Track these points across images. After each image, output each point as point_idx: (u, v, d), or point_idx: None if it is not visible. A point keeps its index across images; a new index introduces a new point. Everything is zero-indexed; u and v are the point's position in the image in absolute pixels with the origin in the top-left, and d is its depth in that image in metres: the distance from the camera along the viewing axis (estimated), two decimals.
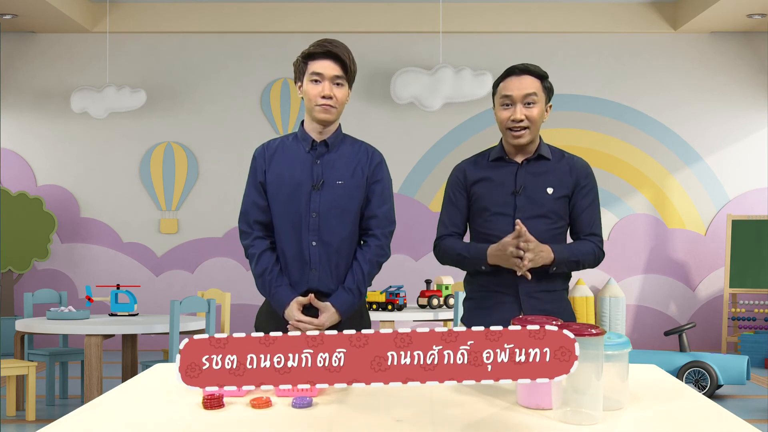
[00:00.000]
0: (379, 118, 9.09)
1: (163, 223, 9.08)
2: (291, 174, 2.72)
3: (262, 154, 2.78)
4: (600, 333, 1.66)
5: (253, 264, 2.74)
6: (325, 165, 2.73)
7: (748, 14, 8.37)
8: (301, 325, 2.66)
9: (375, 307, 5.60)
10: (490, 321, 2.77)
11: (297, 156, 2.75)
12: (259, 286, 2.75)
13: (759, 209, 8.96)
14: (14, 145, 9.12)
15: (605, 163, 8.97)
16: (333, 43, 2.69)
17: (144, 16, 9.00)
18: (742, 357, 6.29)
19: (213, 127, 9.03)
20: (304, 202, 2.70)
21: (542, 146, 2.81)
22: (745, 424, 1.66)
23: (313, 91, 2.69)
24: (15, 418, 5.58)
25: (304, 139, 2.77)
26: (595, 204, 2.83)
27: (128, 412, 1.78)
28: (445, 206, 2.90)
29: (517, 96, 2.71)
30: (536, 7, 8.96)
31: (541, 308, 2.74)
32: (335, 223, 2.71)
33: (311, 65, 2.69)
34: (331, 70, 2.68)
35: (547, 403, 1.76)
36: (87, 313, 5.54)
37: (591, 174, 2.85)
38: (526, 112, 2.71)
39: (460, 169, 2.87)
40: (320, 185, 2.71)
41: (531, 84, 2.71)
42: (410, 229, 9.03)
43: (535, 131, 2.75)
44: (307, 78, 2.70)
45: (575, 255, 2.74)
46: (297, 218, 2.71)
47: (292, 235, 2.71)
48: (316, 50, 2.69)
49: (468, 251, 2.78)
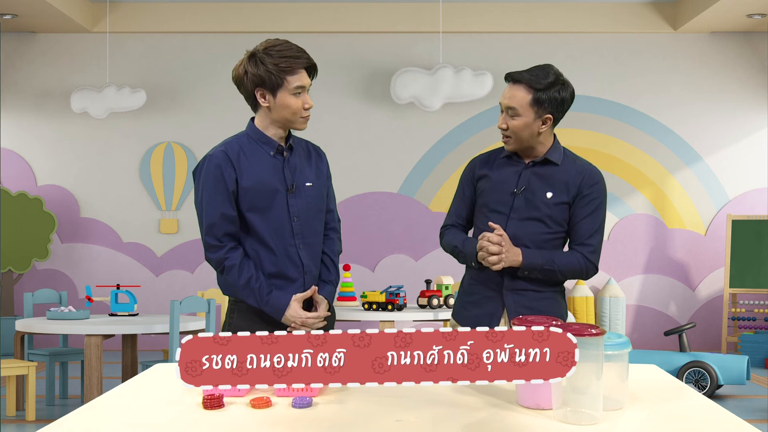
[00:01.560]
0: (379, 118, 9.09)
1: (163, 223, 9.08)
2: (266, 180, 2.67)
3: (226, 161, 2.65)
4: (600, 333, 1.66)
5: (235, 275, 2.65)
6: (293, 168, 2.72)
7: (748, 14, 8.37)
8: (309, 321, 2.67)
9: (375, 307, 5.60)
10: (474, 315, 2.80)
11: (264, 161, 2.69)
12: (245, 296, 2.67)
13: (759, 209, 8.96)
14: (14, 145, 9.12)
15: (605, 163, 8.96)
16: (304, 53, 2.66)
17: (144, 16, 9.00)
18: (742, 357, 6.29)
19: (213, 127, 9.03)
20: (284, 208, 2.68)
21: (553, 151, 2.77)
22: (745, 424, 1.66)
23: (296, 104, 2.64)
24: (15, 418, 5.58)
25: (266, 143, 2.71)
26: (596, 215, 2.76)
27: (128, 412, 1.78)
28: (455, 196, 2.97)
29: (503, 105, 2.73)
30: (536, 7, 8.96)
31: (526, 305, 2.74)
32: (314, 224, 2.75)
33: (292, 79, 2.61)
34: (308, 79, 2.68)
35: (547, 403, 1.76)
36: (87, 313, 5.54)
37: (598, 184, 2.77)
38: (508, 122, 2.71)
39: (473, 163, 2.92)
40: (293, 189, 2.70)
41: (516, 95, 2.68)
42: (410, 229, 9.04)
43: (520, 141, 2.73)
44: (287, 92, 2.62)
45: (552, 264, 2.71)
46: (279, 224, 2.68)
47: (277, 240, 2.68)
48: (295, 65, 2.62)
49: (463, 245, 2.83)
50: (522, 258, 2.69)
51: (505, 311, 2.78)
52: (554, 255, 2.74)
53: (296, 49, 2.64)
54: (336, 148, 8.88)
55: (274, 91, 2.63)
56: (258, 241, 2.69)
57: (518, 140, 2.73)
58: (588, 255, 2.75)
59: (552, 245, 2.77)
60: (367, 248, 9.00)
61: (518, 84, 2.69)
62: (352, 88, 9.11)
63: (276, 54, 2.60)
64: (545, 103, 2.67)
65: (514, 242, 2.73)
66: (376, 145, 9.10)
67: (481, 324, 2.77)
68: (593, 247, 2.76)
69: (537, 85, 2.66)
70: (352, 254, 8.79)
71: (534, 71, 2.69)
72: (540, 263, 2.70)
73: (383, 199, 9.09)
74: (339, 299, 6.05)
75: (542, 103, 2.67)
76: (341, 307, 5.90)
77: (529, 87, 2.67)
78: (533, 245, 2.74)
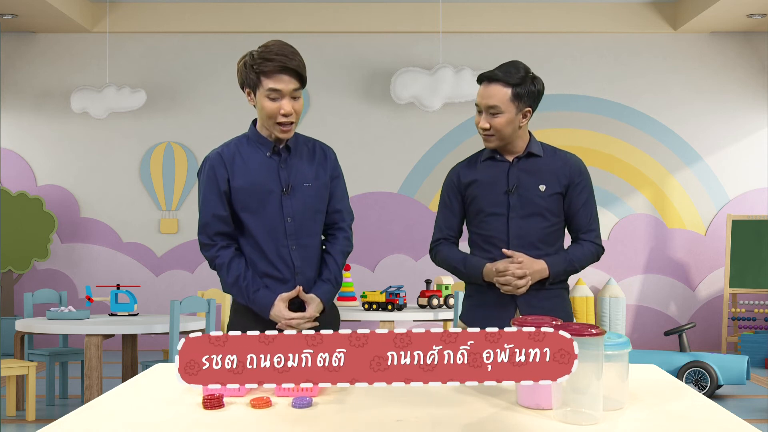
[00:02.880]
0: (379, 118, 9.09)
1: (163, 223, 9.08)
2: (259, 181, 2.67)
3: (220, 162, 2.68)
4: (600, 333, 1.66)
5: (224, 273, 2.68)
6: (290, 169, 2.70)
7: (748, 14, 8.37)
8: (293, 322, 2.64)
9: (375, 307, 5.60)
10: (488, 318, 2.80)
11: (260, 161, 2.69)
12: (234, 293, 2.70)
13: (759, 209, 8.96)
14: (14, 145, 9.12)
15: (605, 163, 8.97)
16: (287, 55, 2.56)
17: (144, 16, 9.00)
18: (742, 357, 6.29)
19: (213, 127, 9.03)
20: (277, 208, 2.68)
21: (532, 144, 2.81)
22: (745, 424, 1.66)
23: (270, 108, 2.58)
24: (15, 418, 5.58)
25: (263, 143, 2.70)
26: (591, 200, 2.84)
27: (128, 412, 1.78)
28: (440, 209, 2.94)
29: (482, 105, 2.74)
30: (536, 7, 8.96)
31: (539, 306, 2.77)
32: (310, 224, 2.73)
33: (266, 81, 2.56)
34: (289, 84, 2.58)
35: (547, 403, 1.76)
36: (87, 313, 5.54)
37: (585, 170, 2.85)
38: (490, 122, 2.72)
39: (454, 172, 2.90)
40: (289, 190, 2.69)
41: (496, 93, 2.69)
42: (410, 229, 9.04)
43: (503, 138, 2.74)
44: (262, 94, 2.58)
45: (572, 263, 2.78)
46: (272, 225, 2.68)
47: (269, 241, 2.68)
48: (268, 67, 2.55)
49: (464, 266, 2.83)
50: (549, 271, 2.73)
51: (517, 311, 2.79)
52: (570, 254, 2.79)
53: (280, 52, 2.56)
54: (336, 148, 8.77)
55: (254, 91, 2.62)
56: (251, 241, 2.70)
57: (501, 137, 2.75)
58: (595, 240, 2.84)
59: (554, 237, 2.81)
60: (367, 248, 8.99)
61: (494, 82, 2.71)
62: (352, 88, 9.11)
63: (261, 55, 2.57)
64: (524, 97, 2.71)
65: (519, 241, 2.76)
66: (376, 145, 9.10)
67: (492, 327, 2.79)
68: (596, 231, 2.85)
69: (512, 80, 2.69)
70: (352, 254, 8.75)
71: (505, 68, 2.72)
72: (563, 268, 2.76)
73: (383, 199, 9.09)
74: (339, 299, 6.05)
75: (521, 97, 2.70)
76: (341, 307, 5.91)
77: (506, 83, 2.69)
78: (537, 240, 2.76)
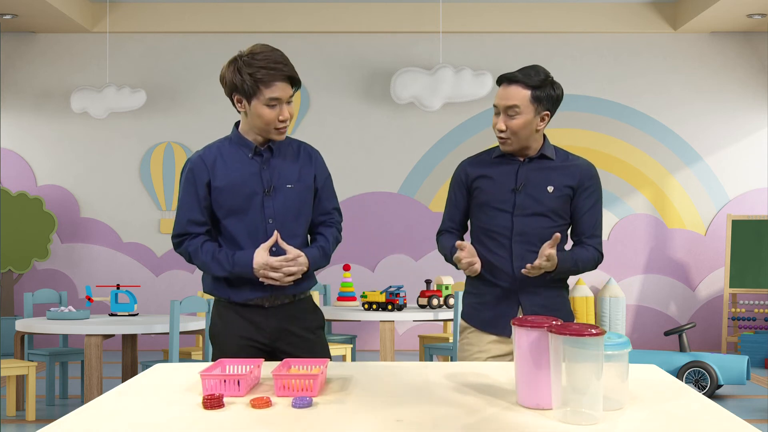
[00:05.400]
0: (379, 118, 9.09)
1: (163, 223, 9.08)
2: (240, 182, 2.66)
3: (200, 166, 2.68)
4: (600, 333, 1.66)
5: (199, 254, 2.66)
6: (272, 170, 2.69)
7: (748, 14, 8.37)
8: (277, 264, 2.59)
9: (375, 307, 5.60)
10: (489, 316, 2.81)
11: (241, 162, 2.68)
12: (214, 269, 2.65)
13: (759, 209, 8.96)
14: (14, 145, 9.12)
15: (605, 163, 8.97)
16: (284, 63, 2.58)
17: (144, 16, 9.00)
18: (742, 357, 6.29)
19: (213, 127, 9.01)
20: (258, 210, 2.67)
21: (546, 147, 2.83)
22: (745, 424, 1.66)
23: (270, 116, 2.59)
24: (15, 418, 5.58)
25: (245, 145, 2.70)
26: (598, 206, 2.85)
27: (128, 412, 1.78)
28: (447, 202, 2.99)
29: (501, 106, 2.75)
30: (536, 7, 8.96)
31: (541, 304, 2.79)
32: (292, 226, 2.71)
33: (267, 91, 2.56)
34: (287, 91, 2.60)
35: (547, 403, 1.76)
36: (87, 313, 5.54)
37: (595, 176, 2.85)
38: (507, 123, 2.73)
39: (462, 168, 2.93)
40: (271, 191, 2.68)
41: (515, 95, 2.71)
42: (410, 229, 9.04)
43: (519, 141, 2.76)
44: (261, 102, 2.58)
45: (576, 264, 2.80)
46: (253, 226, 2.67)
47: (250, 243, 2.66)
48: (271, 77, 2.56)
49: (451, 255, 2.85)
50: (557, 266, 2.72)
51: (520, 310, 2.79)
52: (575, 255, 2.81)
53: (275, 59, 2.57)
54: (336, 148, 8.89)
55: (249, 98, 2.61)
56: (232, 243, 2.69)
57: (518, 140, 2.76)
58: (597, 246, 2.85)
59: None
60: (367, 248, 8.99)
61: (514, 84, 2.73)
62: (352, 88, 9.11)
63: (254, 63, 2.56)
64: (543, 100, 2.73)
65: (521, 238, 2.78)
66: (376, 145, 9.10)
67: (495, 325, 2.80)
68: (599, 238, 2.87)
69: (532, 82, 2.71)
70: (352, 254, 8.79)
71: (525, 71, 2.74)
72: (568, 266, 2.77)
73: (383, 199, 9.09)
74: (339, 299, 6.05)
75: (541, 100, 2.72)
76: (341, 308, 5.91)
77: (526, 85, 2.71)
78: (539, 240, 2.77)
